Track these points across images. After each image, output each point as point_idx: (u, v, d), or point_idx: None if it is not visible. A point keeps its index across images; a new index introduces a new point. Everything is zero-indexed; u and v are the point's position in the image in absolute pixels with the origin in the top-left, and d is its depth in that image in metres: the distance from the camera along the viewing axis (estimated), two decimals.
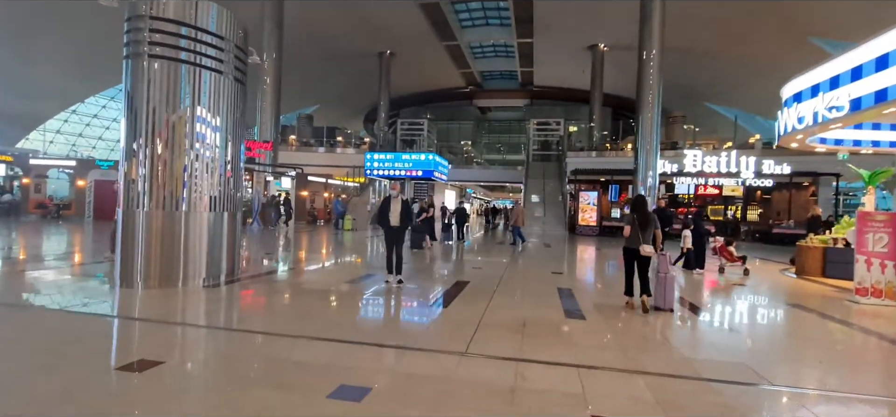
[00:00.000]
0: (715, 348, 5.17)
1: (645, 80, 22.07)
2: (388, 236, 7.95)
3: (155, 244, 6.99)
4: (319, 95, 42.46)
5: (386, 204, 7.98)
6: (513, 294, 7.60)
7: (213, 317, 5.82)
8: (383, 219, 7.92)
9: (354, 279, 8.52)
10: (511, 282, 8.83)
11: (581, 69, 36.58)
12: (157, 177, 6.96)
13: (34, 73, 28.24)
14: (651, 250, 6.13)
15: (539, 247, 17.00)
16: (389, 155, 18.26)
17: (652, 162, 21.75)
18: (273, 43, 24.45)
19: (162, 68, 6.93)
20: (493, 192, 59.52)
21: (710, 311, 7.13)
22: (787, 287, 9.44)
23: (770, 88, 32.95)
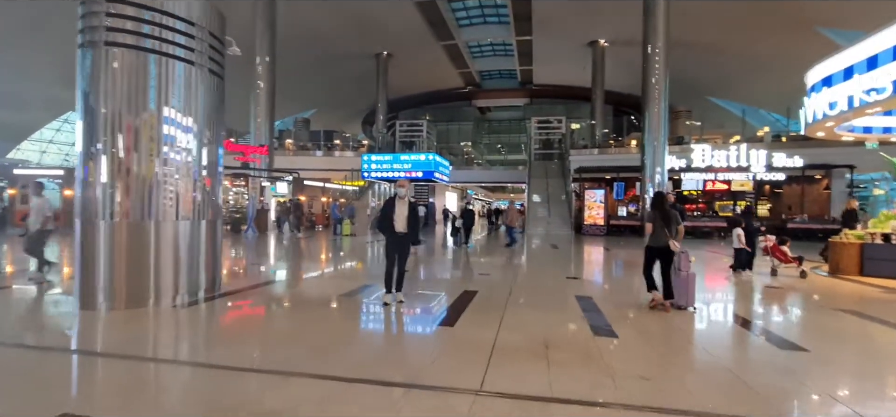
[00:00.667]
0: (788, 374, 4.22)
1: (650, 73, 21.18)
2: (389, 244, 6.47)
3: (120, 259, 6.09)
4: (317, 98, 41.60)
5: (389, 206, 6.49)
6: (527, 306, 6.69)
7: (179, 346, 4.92)
8: (385, 224, 6.45)
9: (350, 292, 7.61)
10: (523, 290, 7.92)
11: (581, 67, 35.70)
12: (121, 184, 6.06)
13: (21, 82, 27.40)
14: (679, 246, 6.06)
15: (546, 249, 16.10)
16: (387, 156, 17.34)
17: (660, 158, 20.84)
18: (266, 45, 23.61)
19: (123, 59, 6.04)
20: (495, 193, 58.67)
21: (764, 321, 6.21)
22: (827, 289, 8.51)
23: (776, 81, 32.28)
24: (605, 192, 22.70)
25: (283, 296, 7.60)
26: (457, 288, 8.01)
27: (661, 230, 6.07)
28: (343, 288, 7.96)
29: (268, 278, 9.03)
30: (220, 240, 7.49)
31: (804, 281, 9.09)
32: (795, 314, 6.94)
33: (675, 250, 6.02)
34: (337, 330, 5.42)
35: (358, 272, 10.37)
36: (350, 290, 7.82)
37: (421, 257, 13.06)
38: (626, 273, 10.68)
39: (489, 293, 7.52)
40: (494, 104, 45.44)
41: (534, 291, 8.06)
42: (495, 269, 10.81)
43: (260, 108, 23.27)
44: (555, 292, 8.10)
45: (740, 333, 5.57)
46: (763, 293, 8.14)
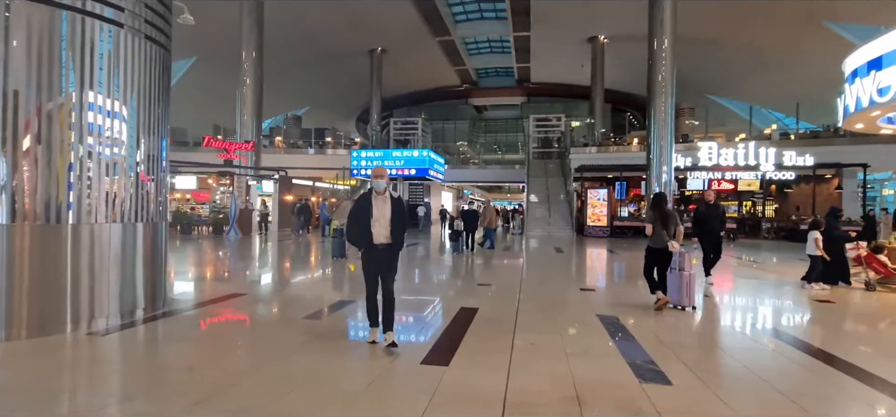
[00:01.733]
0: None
1: (656, 68, 19.89)
2: (367, 261, 4.40)
3: (21, 273, 4.68)
4: (310, 96, 40.19)
5: (363, 205, 4.37)
6: (542, 330, 5.32)
7: (75, 397, 3.52)
8: (359, 231, 4.35)
9: (325, 310, 6.24)
10: (533, 307, 6.55)
11: (580, 64, 34.51)
12: (24, 178, 4.66)
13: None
14: (678, 247, 6.05)
15: (549, 252, 14.76)
16: (378, 152, 15.93)
17: (667, 156, 19.55)
18: (252, 41, 22.22)
19: (25, 16, 4.63)
20: (492, 193, 57.36)
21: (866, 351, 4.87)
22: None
23: (781, 79, 31.04)
24: (609, 191, 21.36)
25: (243, 314, 6.20)
26: (452, 304, 6.65)
27: (661, 231, 6.09)
28: (319, 303, 6.57)
29: (235, 288, 7.62)
30: (164, 246, 6.11)
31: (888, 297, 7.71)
32: (878, 342, 5.61)
33: (673, 251, 6.01)
34: (293, 372, 4.01)
35: (343, 280, 8.98)
36: (326, 305, 6.45)
37: (413, 261, 11.70)
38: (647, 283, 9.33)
39: (492, 312, 6.15)
40: (491, 103, 44.14)
41: (546, 307, 6.68)
42: (496, 278, 9.45)
43: (246, 105, 21.82)
44: (571, 308, 6.74)
45: (828, 369, 4.21)
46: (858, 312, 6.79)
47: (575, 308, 6.68)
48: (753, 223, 22.47)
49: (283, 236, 19.34)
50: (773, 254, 15.00)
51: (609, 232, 20.50)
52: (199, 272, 10.03)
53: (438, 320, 5.85)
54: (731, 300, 7.51)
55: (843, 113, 9.72)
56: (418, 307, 6.72)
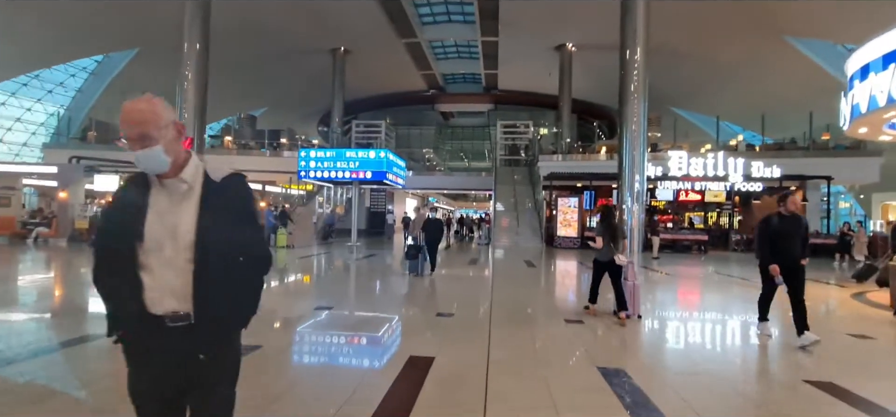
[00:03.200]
0: None
1: (629, 74, 18.79)
2: (135, 367, 1.55)
3: None
4: (269, 97, 37.50)
5: (118, 215, 1.58)
6: (527, 406, 3.53)
7: None
8: (110, 283, 1.54)
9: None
10: (510, 354, 4.77)
11: (547, 72, 33.38)
12: None
13: None
14: (625, 260, 6.05)
15: (520, 267, 13.11)
16: (329, 152, 13.82)
17: (639, 165, 18.36)
18: (196, 30, 19.76)
19: None
20: (457, 200, 55.79)
21: None
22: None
23: (741, 92, 30.63)
24: (579, 200, 20.03)
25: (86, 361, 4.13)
26: (400, 348, 4.81)
27: (609, 245, 6.03)
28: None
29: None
30: None
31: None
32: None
33: (621, 264, 6.00)
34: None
35: (267, 312, 6.98)
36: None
37: (360, 278, 9.78)
38: (656, 313, 7.68)
39: (453, 364, 4.33)
40: (458, 109, 42.55)
41: (525, 354, 4.90)
42: (460, 303, 7.64)
43: (188, 101, 19.28)
44: (559, 354, 5.00)
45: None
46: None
47: (564, 355, 4.95)
48: (721, 235, 21.62)
49: None
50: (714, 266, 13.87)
51: (579, 243, 19.12)
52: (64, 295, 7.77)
53: (375, 379, 3.98)
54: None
55: (850, 115, 8.47)
56: (350, 355, 4.84)
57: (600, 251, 6.12)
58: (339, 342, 5.25)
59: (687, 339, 5.92)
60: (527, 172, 26.73)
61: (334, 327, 5.86)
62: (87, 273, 10.18)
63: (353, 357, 4.84)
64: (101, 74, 29.42)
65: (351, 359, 4.80)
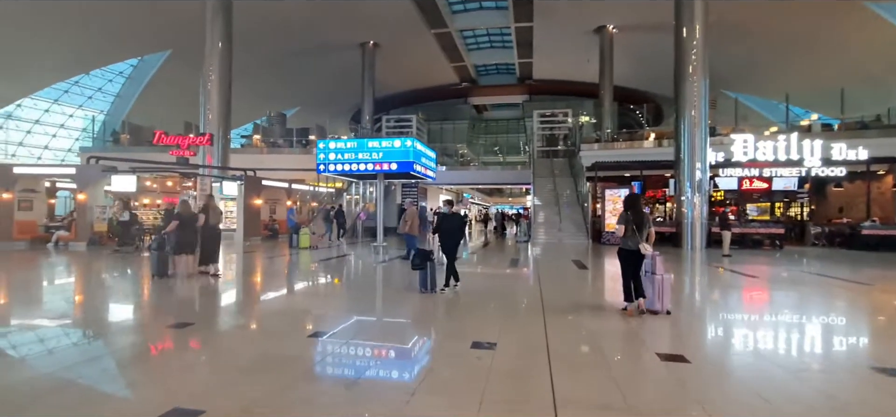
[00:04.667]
0: None
1: (686, 52, 16.31)
2: None
3: None
4: (300, 96, 36.64)
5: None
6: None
7: None
8: None
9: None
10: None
11: (586, 58, 30.87)
12: None
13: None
14: (649, 250, 5.68)
15: (569, 268, 11.06)
16: (350, 142, 12.15)
17: (700, 151, 15.88)
18: (218, 28, 18.64)
19: None
20: (491, 196, 53.66)
21: None
22: None
23: (812, 69, 27.10)
24: (630, 192, 17.63)
25: None
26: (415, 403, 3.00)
27: (633, 234, 5.69)
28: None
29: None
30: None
31: None
32: None
33: (646, 254, 5.66)
34: None
35: (275, 333, 5.33)
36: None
37: (369, 289, 8.04)
38: (781, 340, 5.52)
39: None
40: (491, 101, 40.48)
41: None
42: (503, 321, 5.74)
43: (211, 102, 18.14)
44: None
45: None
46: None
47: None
48: (793, 227, 18.71)
49: (251, 245, 15.73)
50: (859, 267, 11.26)
51: None
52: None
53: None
54: None
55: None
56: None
57: (623, 240, 5.80)
58: (326, 394, 3.50)
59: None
60: (566, 163, 24.44)
61: (324, 362, 4.12)
62: (107, 279, 8.91)
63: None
64: (137, 77, 29.20)
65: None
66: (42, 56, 23.97)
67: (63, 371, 3.75)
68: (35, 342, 4.80)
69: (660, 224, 18.82)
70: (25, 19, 21.42)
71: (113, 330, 5.42)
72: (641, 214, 5.78)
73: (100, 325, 5.62)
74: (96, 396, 3.36)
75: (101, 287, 8.59)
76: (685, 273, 10.96)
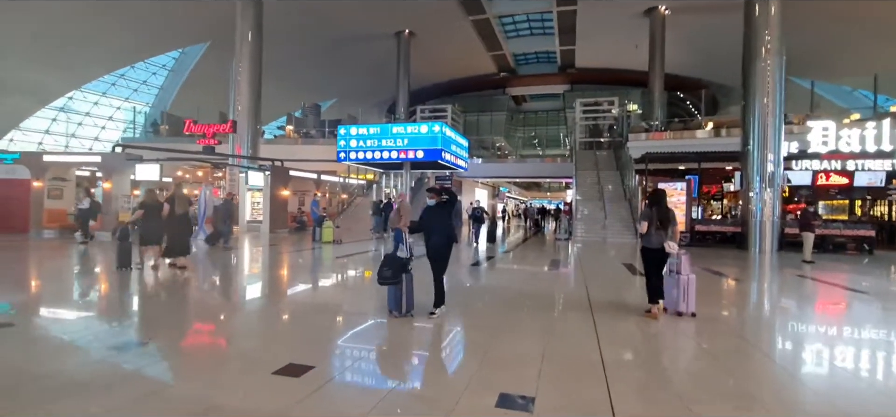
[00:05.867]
0: None
1: (758, 30, 14.05)
2: None
3: None
4: (336, 88, 36.01)
5: None
6: None
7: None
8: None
9: None
10: None
11: (634, 44, 28.43)
12: None
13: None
14: (675, 248, 5.29)
15: (619, 272, 9.34)
16: (373, 128, 10.83)
17: (773, 140, 13.64)
18: (248, 22, 17.92)
19: None
20: (529, 190, 51.61)
21: None
22: None
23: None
24: (687, 186, 15.52)
25: None
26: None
27: (657, 231, 5.34)
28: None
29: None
30: None
31: None
32: None
33: (671, 253, 5.29)
34: None
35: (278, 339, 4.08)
36: None
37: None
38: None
39: None
40: (531, 92, 38.40)
41: None
42: (541, 365, 4.26)
43: (241, 94, 17.41)
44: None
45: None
46: None
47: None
48: (882, 228, 16.01)
49: (277, 237, 14.88)
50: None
51: (689, 238, 14.73)
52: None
53: None
54: None
55: None
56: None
57: (646, 237, 5.42)
58: None
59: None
60: (611, 155, 22.39)
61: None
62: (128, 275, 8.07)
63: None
64: (178, 70, 29.38)
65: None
66: (88, 49, 24.27)
67: None
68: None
69: (719, 223, 16.59)
70: (73, 14, 21.59)
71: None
72: (666, 210, 5.42)
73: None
74: None
75: (51, 278, 7.97)
76: (755, 280, 9.02)
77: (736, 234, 14.66)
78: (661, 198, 5.55)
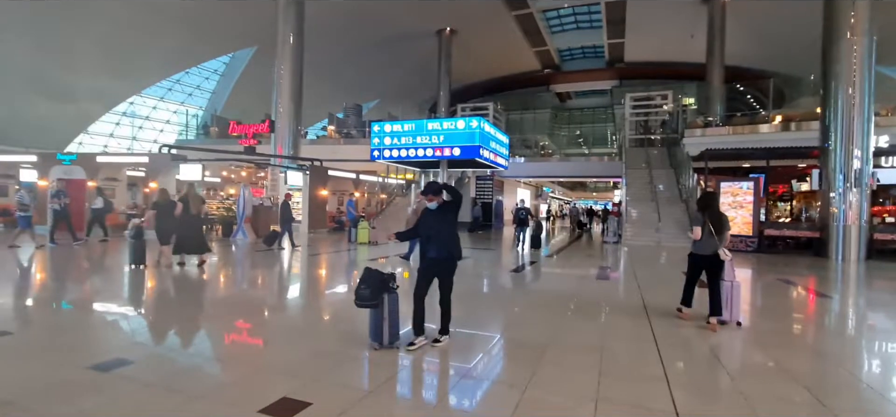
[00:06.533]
0: None
1: (842, 11, 12.31)
2: None
3: None
4: (379, 88, 35.99)
5: None
6: None
7: None
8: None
9: None
10: None
11: (689, 33, 26.47)
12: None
13: (65, 73, 24.26)
14: (729, 254, 5.01)
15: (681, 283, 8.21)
16: (408, 125, 10.22)
17: (860, 132, 11.88)
18: (290, 25, 17.90)
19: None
20: (574, 190, 49.73)
21: None
22: None
23: None
24: (755, 185, 13.88)
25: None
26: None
27: (711, 237, 5.00)
28: None
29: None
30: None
31: None
32: None
33: (725, 260, 4.96)
34: None
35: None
36: None
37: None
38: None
39: None
40: (576, 88, 36.78)
41: None
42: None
43: (283, 96, 17.40)
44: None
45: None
46: None
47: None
48: None
49: (317, 237, 14.65)
50: None
51: (756, 244, 13.15)
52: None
53: None
54: None
55: None
56: None
57: (698, 244, 5.05)
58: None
59: None
60: (665, 152, 20.78)
61: None
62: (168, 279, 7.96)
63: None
64: (229, 74, 30.30)
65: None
66: (145, 56, 25.37)
67: None
68: None
69: (791, 226, 14.78)
70: (131, 22, 22.57)
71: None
72: (719, 214, 5.14)
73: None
74: None
75: (64, 277, 7.88)
76: (837, 291, 7.63)
77: (813, 240, 12.94)
78: (712, 201, 5.31)
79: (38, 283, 7.28)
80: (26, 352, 3.91)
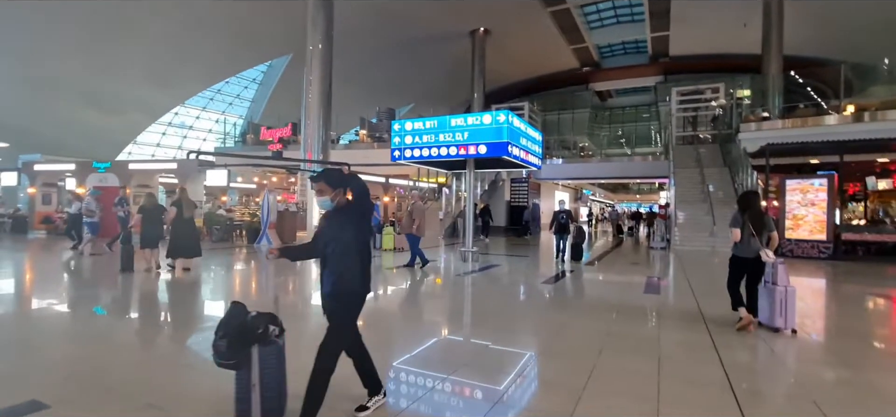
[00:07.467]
0: None
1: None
2: None
3: None
4: (413, 93, 35.57)
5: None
6: None
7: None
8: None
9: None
10: None
11: (741, 23, 24.40)
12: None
13: (116, 86, 25.28)
14: (772, 257, 4.76)
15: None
16: (430, 122, 9.36)
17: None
18: (319, 31, 17.59)
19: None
20: (616, 192, 47.42)
21: None
22: None
23: None
24: (829, 182, 12.10)
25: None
26: None
27: (751, 238, 4.82)
28: None
29: None
30: None
31: None
32: None
33: (767, 261, 4.76)
34: None
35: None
36: None
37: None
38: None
39: None
40: (617, 86, 34.92)
41: None
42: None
43: (311, 101, 17.10)
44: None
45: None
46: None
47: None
48: None
49: None
50: None
51: (831, 250, 11.41)
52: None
53: None
54: None
55: None
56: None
57: (739, 246, 4.90)
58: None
59: None
60: (717, 149, 19.04)
61: None
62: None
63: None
64: (266, 83, 30.79)
65: None
66: (187, 67, 26.08)
67: None
68: None
69: (874, 229, 12.84)
70: (173, 36, 23.20)
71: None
72: (760, 214, 4.94)
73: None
74: None
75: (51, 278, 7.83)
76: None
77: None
78: (753, 201, 5.10)
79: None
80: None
